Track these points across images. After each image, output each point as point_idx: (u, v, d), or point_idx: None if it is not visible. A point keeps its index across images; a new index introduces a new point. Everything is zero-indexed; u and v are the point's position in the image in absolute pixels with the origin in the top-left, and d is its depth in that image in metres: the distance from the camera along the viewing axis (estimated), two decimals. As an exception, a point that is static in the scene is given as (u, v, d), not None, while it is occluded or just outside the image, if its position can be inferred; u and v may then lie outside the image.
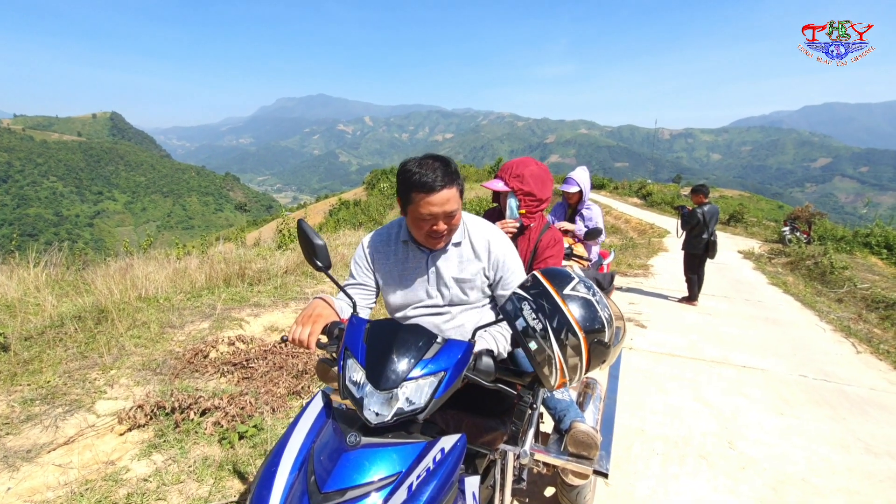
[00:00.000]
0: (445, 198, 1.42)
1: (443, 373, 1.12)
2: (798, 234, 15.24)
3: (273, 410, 3.06)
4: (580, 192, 4.17)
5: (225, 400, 3.01)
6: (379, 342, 1.14)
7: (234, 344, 3.99)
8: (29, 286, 4.58)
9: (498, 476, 1.54)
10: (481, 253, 1.61)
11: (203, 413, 2.88)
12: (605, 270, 4.41)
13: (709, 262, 7.20)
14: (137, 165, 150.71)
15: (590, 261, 3.80)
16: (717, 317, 6.55)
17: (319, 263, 1.36)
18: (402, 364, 1.09)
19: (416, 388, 1.09)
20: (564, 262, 3.45)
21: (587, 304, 1.11)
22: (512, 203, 2.09)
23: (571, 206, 4.37)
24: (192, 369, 3.47)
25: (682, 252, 7.26)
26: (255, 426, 2.78)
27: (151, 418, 2.75)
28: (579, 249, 3.79)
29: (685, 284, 7.30)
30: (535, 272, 1.18)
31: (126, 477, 2.28)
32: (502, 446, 1.41)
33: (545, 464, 1.72)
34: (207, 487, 2.26)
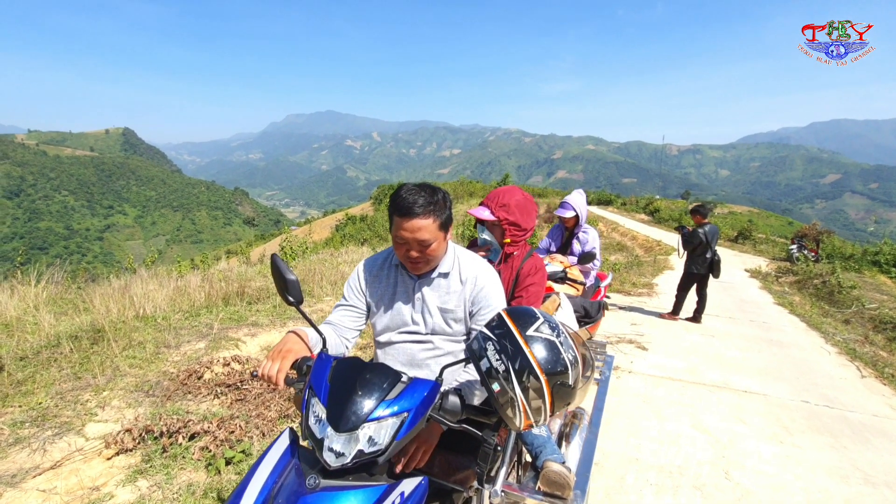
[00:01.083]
0: (417, 226, 1.46)
1: (405, 413, 1.11)
2: (806, 252, 15.08)
3: (263, 435, 3.04)
4: (576, 216, 4.17)
5: (215, 423, 3.00)
6: (343, 381, 1.14)
7: (229, 364, 3.98)
8: (29, 305, 4.62)
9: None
10: (467, 285, 1.63)
11: (192, 437, 2.87)
12: (601, 293, 4.39)
13: (713, 281, 7.14)
14: (148, 180, 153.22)
15: (584, 284, 3.77)
16: (720, 338, 6.46)
17: (291, 298, 1.37)
18: (363, 404, 1.09)
19: (378, 429, 1.08)
20: (558, 287, 3.43)
21: (550, 346, 1.10)
22: (486, 236, 2.14)
23: (568, 230, 4.37)
24: (185, 391, 3.47)
25: (683, 271, 7.25)
26: (242, 451, 2.76)
27: (139, 442, 2.74)
28: (574, 273, 3.77)
29: (694, 304, 7.27)
30: (500, 311, 1.18)
31: (109, 504, 2.27)
32: (475, 484, 1.39)
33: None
34: (190, 516, 2.25)
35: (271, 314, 5.31)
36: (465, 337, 1.68)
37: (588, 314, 2.92)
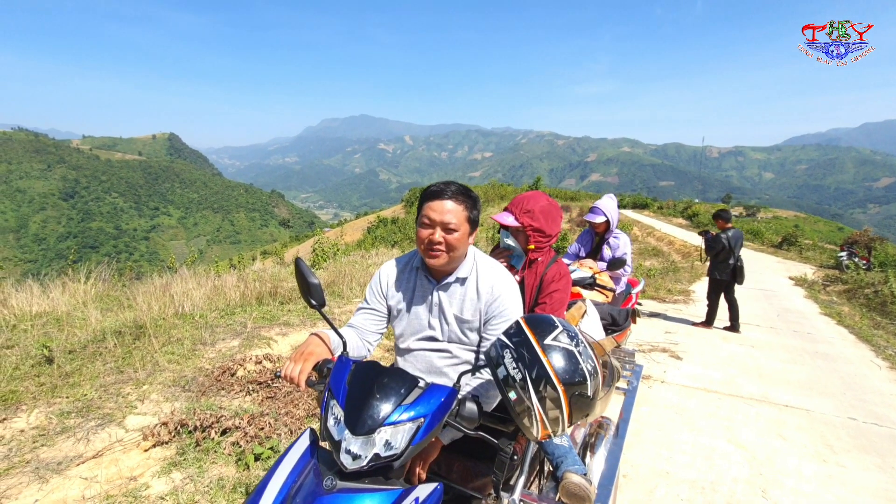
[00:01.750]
0: (447, 208, 1.49)
1: (422, 419, 1.11)
2: (856, 259, 14.26)
3: (291, 432, 3.11)
4: (607, 221, 4.07)
5: (245, 420, 3.10)
6: (361, 385, 1.15)
7: (261, 363, 4.10)
8: (78, 301, 4.90)
9: (492, 522, 1.51)
10: (483, 293, 1.60)
11: (224, 432, 2.97)
12: (633, 300, 4.28)
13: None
14: (191, 183, 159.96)
15: (614, 291, 3.69)
16: (759, 349, 6.19)
17: (314, 301, 1.40)
18: (380, 408, 1.10)
19: (394, 434, 1.09)
20: (586, 293, 3.37)
21: (568, 356, 1.08)
22: (510, 242, 2.13)
23: (598, 235, 4.28)
24: (219, 387, 3.59)
25: (708, 278, 7.19)
26: (271, 448, 2.84)
27: (175, 436, 2.85)
28: (604, 279, 3.69)
29: (726, 311, 7.06)
30: (519, 319, 1.17)
31: (145, 494, 2.37)
32: (492, 492, 1.38)
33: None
34: (219, 509, 2.32)
35: (302, 314, 5.43)
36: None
37: (616, 322, 2.85)
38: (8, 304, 4.72)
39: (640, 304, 5.19)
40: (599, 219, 4.04)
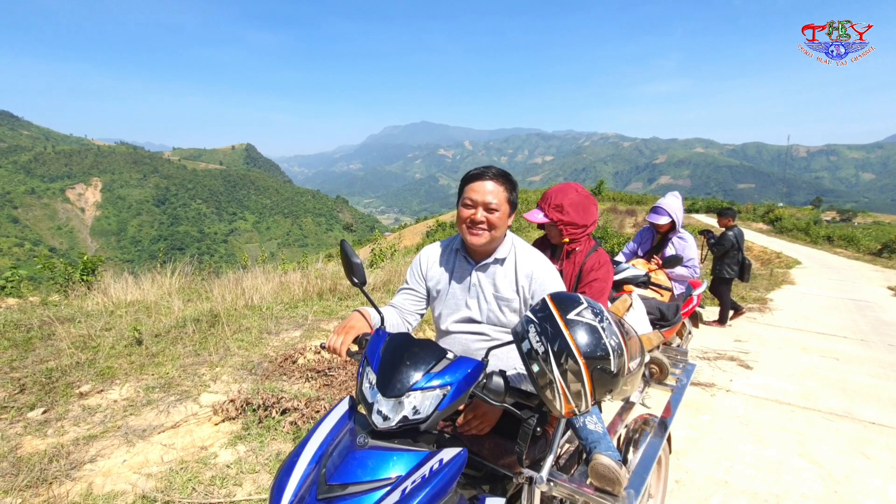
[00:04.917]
0: (489, 188, 1.56)
1: (448, 387, 1.18)
2: (973, 269, 12.54)
3: (344, 417, 3.28)
4: (672, 221, 3.87)
5: (303, 402, 3.31)
6: (393, 353, 1.24)
7: (319, 353, 4.35)
8: (165, 292, 5.44)
9: (525, 502, 1.54)
10: (521, 275, 1.65)
11: (284, 412, 3.19)
12: (693, 301, 4.08)
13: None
14: (265, 190, 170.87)
15: (670, 290, 3.52)
16: (845, 362, 5.63)
17: (356, 280, 1.51)
18: (410, 374, 1.17)
19: (422, 399, 1.16)
20: (640, 291, 3.27)
21: (591, 330, 1.10)
22: None
23: (661, 234, 4.08)
24: (281, 372, 3.85)
25: (713, 277, 7.14)
26: (325, 430, 3.01)
27: (241, 413, 3.11)
28: (659, 277, 3.54)
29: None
30: (545, 297, 1.20)
31: (213, 462, 2.61)
32: (521, 470, 1.41)
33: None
34: (276, 480, 2.51)
35: (359, 310, 5.67)
36: None
37: (664, 317, 2.75)
38: (108, 293, 5.34)
39: (701, 308, 4.90)
40: (663, 219, 3.83)
